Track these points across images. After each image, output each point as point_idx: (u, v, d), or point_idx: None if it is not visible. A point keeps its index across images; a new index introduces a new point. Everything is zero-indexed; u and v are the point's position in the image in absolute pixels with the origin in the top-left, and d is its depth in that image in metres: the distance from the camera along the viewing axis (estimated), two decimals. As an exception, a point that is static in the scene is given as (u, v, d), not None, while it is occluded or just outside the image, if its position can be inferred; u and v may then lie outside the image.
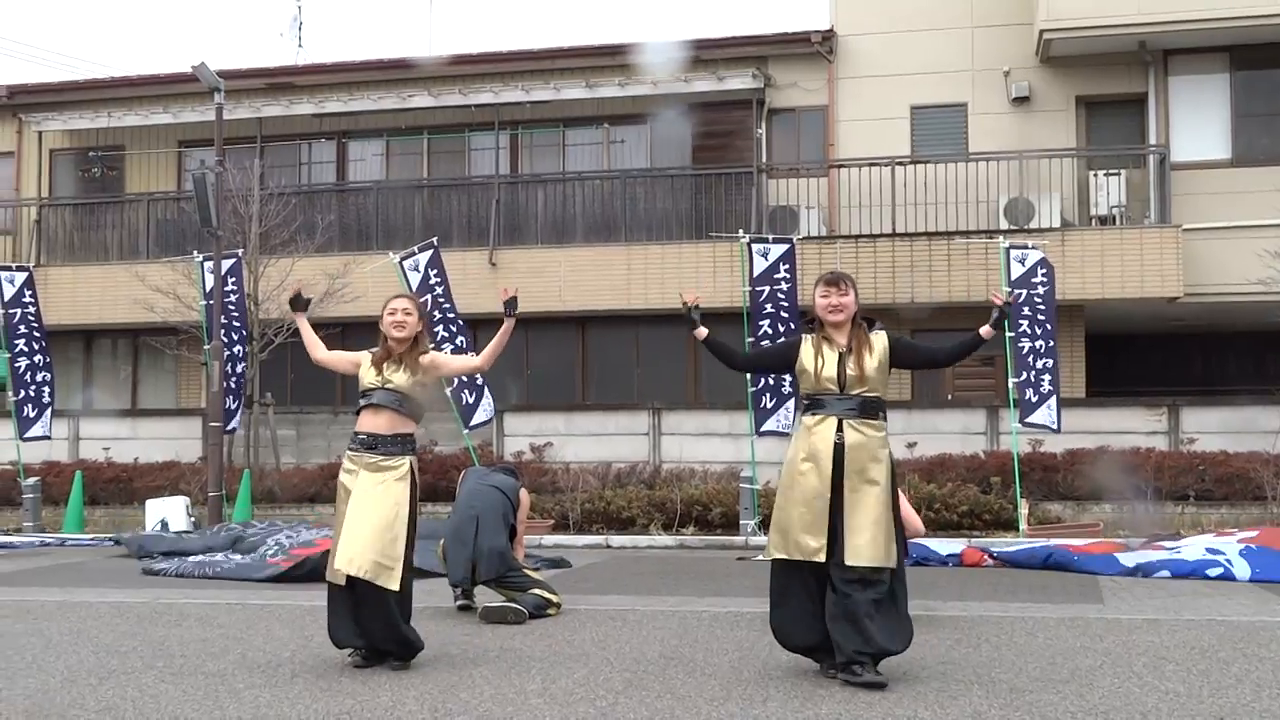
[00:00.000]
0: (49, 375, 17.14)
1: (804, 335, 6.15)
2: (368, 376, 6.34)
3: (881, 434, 5.93)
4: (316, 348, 6.70)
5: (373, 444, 6.25)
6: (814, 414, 5.96)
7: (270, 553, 11.10)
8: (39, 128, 21.61)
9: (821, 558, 5.77)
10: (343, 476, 6.32)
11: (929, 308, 17.51)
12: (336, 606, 6.23)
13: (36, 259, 20.80)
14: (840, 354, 5.96)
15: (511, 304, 6.59)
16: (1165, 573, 10.05)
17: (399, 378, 6.30)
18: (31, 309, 17.02)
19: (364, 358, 6.48)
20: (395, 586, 6.10)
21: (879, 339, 6.04)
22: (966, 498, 13.94)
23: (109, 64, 61.08)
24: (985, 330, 6.25)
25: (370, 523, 6.09)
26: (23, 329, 16.93)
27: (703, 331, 6.37)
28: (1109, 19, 17.57)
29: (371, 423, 6.28)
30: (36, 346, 17.01)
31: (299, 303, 6.84)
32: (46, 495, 16.60)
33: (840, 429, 5.86)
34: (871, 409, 5.92)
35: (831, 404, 5.92)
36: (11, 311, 16.86)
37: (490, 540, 8.04)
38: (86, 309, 20.38)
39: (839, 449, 5.83)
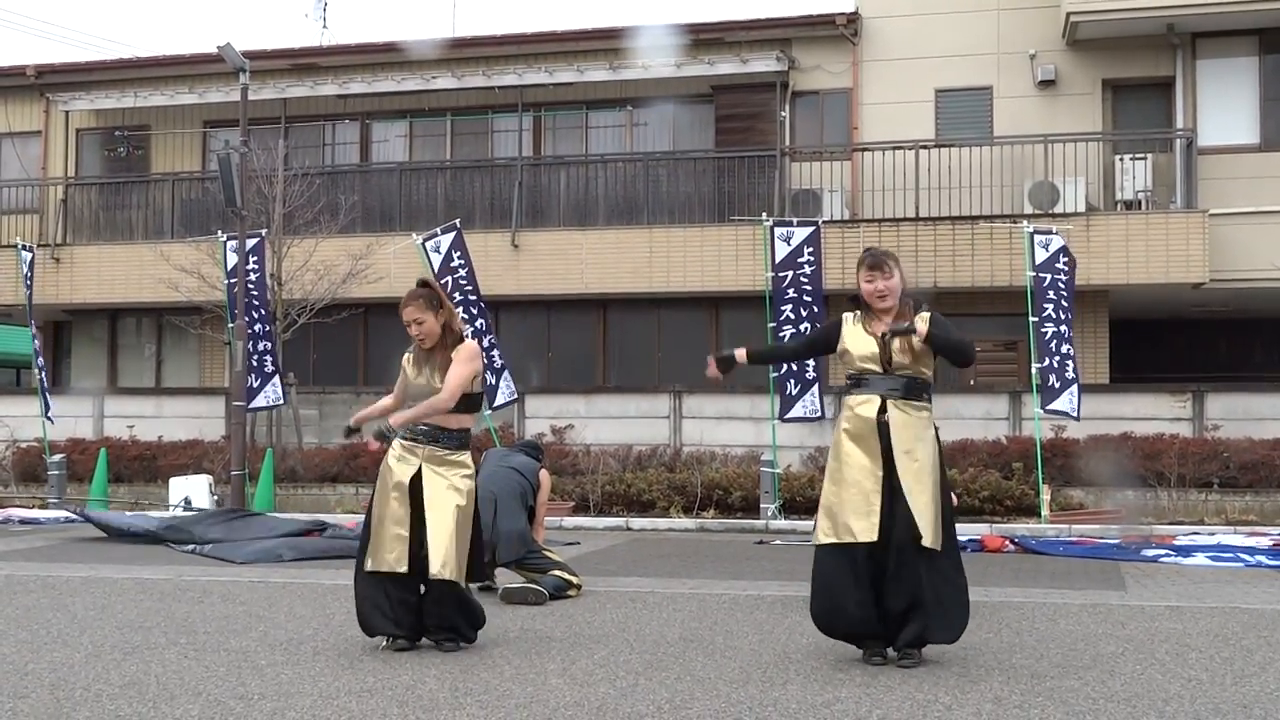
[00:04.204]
0: (40, 360, 17.09)
1: (845, 315, 6.07)
2: (419, 382, 6.28)
3: (926, 414, 5.83)
4: (389, 401, 6.51)
5: (435, 436, 6.19)
6: (857, 394, 5.90)
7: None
8: (66, 107, 21.70)
9: (872, 536, 5.66)
10: (394, 464, 6.22)
11: (952, 293, 17.44)
12: (372, 594, 6.18)
13: (62, 238, 20.92)
14: (884, 334, 5.87)
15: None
16: None
17: (440, 382, 6.24)
18: (29, 291, 16.89)
19: (408, 361, 6.37)
20: (467, 579, 6.27)
21: (924, 321, 5.89)
22: (988, 483, 13.91)
23: (135, 44, 61.33)
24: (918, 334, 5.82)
25: (450, 528, 6.11)
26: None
27: (741, 353, 6.21)
28: (1136, 1, 17.40)
29: (435, 418, 6.22)
30: (33, 330, 16.93)
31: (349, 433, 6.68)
32: (72, 472, 16.70)
33: (884, 408, 5.79)
34: (916, 389, 5.84)
35: (875, 383, 5.84)
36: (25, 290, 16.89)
37: (509, 523, 8.05)
38: (111, 288, 20.47)
39: (884, 427, 5.76)
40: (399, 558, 6.12)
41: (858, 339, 5.94)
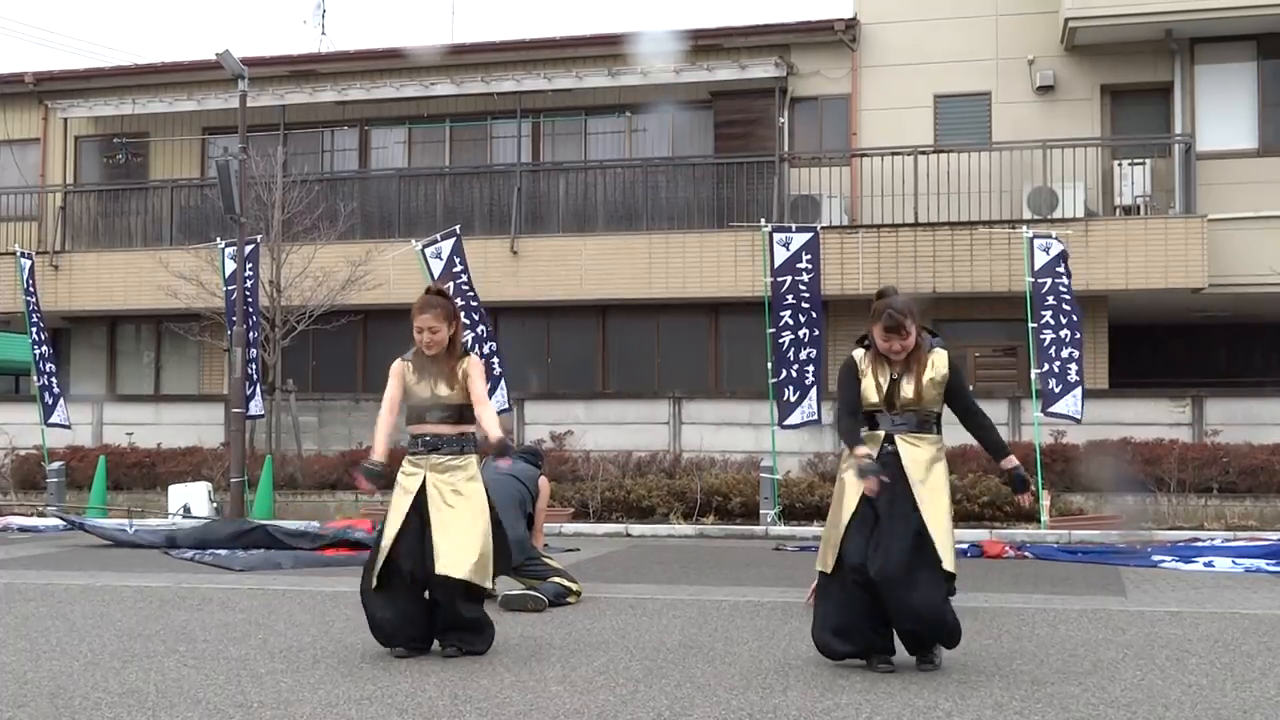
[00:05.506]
0: (54, 366, 17.06)
1: (855, 353, 6.04)
2: (420, 391, 6.26)
3: (935, 446, 5.94)
4: (390, 417, 6.40)
5: (437, 445, 6.22)
6: (866, 430, 5.97)
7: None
8: (64, 114, 21.71)
9: (857, 561, 5.72)
10: (403, 479, 6.24)
11: (951, 298, 17.45)
12: (380, 609, 6.18)
13: (61, 245, 20.93)
14: (893, 378, 5.90)
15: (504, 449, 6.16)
16: None
17: (444, 390, 6.26)
18: (33, 298, 16.79)
19: (405, 370, 6.34)
20: (490, 584, 6.25)
21: (939, 360, 5.95)
22: (988, 489, 13.88)
23: (134, 51, 61.31)
24: (1004, 463, 6.31)
25: (457, 528, 6.10)
26: (31, 318, 16.82)
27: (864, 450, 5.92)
28: (1135, 7, 17.43)
29: (433, 427, 6.25)
30: (40, 337, 16.85)
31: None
32: (71, 479, 16.66)
33: (889, 440, 5.86)
34: (925, 424, 5.93)
35: (882, 421, 5.92)
36: (25, 298, 16.85)
37: (508, 531, 8.02)
38: (110, 294, 20.47)
39: (889, 459, 5.81)
40: (412, 567, 6.10)
41: (867, 382, 5.94)
